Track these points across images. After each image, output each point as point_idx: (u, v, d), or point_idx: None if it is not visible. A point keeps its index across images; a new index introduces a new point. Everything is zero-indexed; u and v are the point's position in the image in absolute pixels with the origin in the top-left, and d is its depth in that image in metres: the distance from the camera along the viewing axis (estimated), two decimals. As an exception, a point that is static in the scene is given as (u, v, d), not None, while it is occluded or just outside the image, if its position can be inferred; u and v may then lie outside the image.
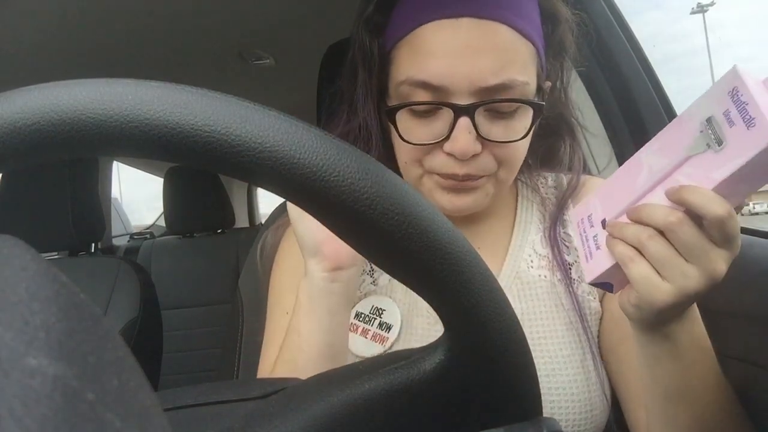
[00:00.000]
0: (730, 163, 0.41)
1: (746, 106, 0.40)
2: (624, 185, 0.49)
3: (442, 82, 0.57)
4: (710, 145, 0.42)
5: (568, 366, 0.61)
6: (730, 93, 0.42)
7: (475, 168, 0.59)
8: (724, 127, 0.42)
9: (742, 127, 0.40)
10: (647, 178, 0.47)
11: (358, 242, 0.27)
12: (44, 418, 0.12)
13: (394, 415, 0.30)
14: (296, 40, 1.60)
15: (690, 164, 0.44)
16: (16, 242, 0.17)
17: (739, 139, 0.41)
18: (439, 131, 0.58)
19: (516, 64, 0.58)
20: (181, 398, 0.34)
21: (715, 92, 0.43)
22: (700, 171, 0.43)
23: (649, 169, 0.47)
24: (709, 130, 0.43)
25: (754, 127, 0.39)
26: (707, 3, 39.71)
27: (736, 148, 0.41)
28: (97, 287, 1.45)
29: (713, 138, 0.42)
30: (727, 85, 0.42)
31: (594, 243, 0.50)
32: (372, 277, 0.67)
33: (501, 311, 0.28)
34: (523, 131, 0.59)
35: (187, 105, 0.23)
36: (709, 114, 0.43)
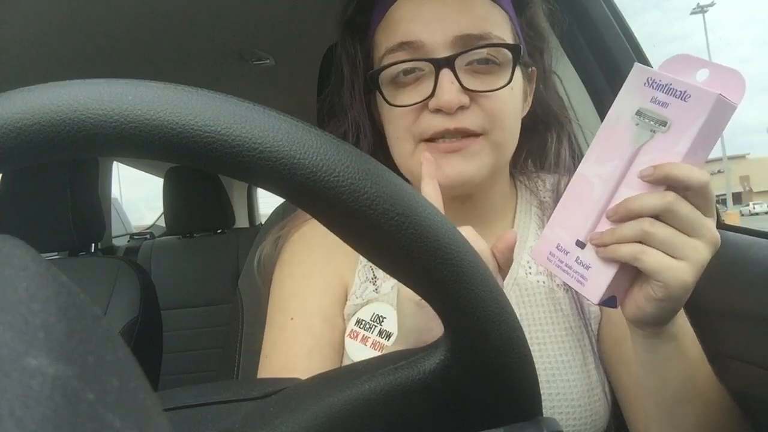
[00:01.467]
0: (686, 133, 0.43)
1: (671, 85, 0.44)
2: (579, 204, 0.48)
3: (419, 38, 0.59)
4: (654, 130, 0.45)
5: (569, 371, 0.61)
6: (646, 84, 0.46)
7: (465, 121, 0.59)
8: (659, 111, 0.45)
9: (679, 102, 0.44)
10: (602, 186, 0.47)
11: (358, 242, 0.27)
12: (44, 418, 0.12)
13: (394, 415, 0.30)
14: (296, 40, 1.60)
15: (643, 154, 0.45)
16: (16, 242, 0.17)
17: (682, 112, 0.43)
18: (424, 92, 0.59)
19: (490, 22, 0.61)
20: (181, 398, 0.34)
21: (628, 91, 0.47)
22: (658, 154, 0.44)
23: (599, 178, 0.47)
24: (645, 119, 0.45)
25: (691, 97, 0.43)
26: (707, 3, 39.70)
27: (684, 120, 0.43)
28: (97, 287, 1.45)
29: (654, 123, 0.45)
30: (638, 81, 0.46)
31: (580, 265, 0.48)
32: (374, 284, 0.67)
33: (501, 311, 0.28)
34: (507, 81, 0.60)
35: (187, 105, 0.23)
36: (636, 107, 0.46)
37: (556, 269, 0.50)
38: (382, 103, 0.63)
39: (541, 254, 0.51)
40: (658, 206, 0.44)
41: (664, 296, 0.44)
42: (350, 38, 0.67)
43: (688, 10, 45.01)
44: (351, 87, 0.68)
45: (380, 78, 0.62)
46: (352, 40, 0.67)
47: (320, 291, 0.66)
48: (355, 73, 0.67)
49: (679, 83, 0.44)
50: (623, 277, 0.47)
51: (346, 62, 0.68)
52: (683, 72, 0.45)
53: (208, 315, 2.16)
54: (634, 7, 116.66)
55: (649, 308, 0.46)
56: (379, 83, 0.62)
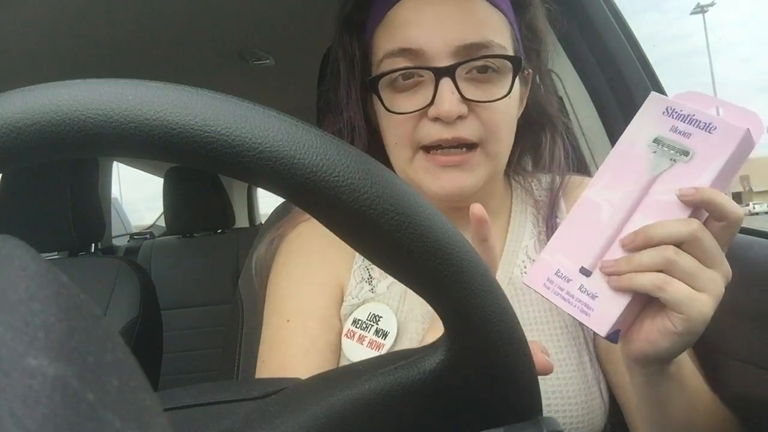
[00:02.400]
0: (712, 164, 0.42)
1: (694, 116, 0.44)
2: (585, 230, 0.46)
3: (420, 46, 0.59)
4: (675, 159, 0.44)
5: (565, 370, 0.61)
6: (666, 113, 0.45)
7: (463, 131, 0.59)
8: (680, 140, 0.44)
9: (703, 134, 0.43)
10: (612, 212, 0.45)
11: (358, 242, 0.27)
12: (44, 418, 0.12)
13: (394, 415, 0.30)
14: (296, 40, 1.60)
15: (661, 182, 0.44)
16: (16, 242, 0.17)
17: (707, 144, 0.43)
18: (423, 99, 0.59)
19: (490, 28, 0.60)
20: (181, 398, 0.34)
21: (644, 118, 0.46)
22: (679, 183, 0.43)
23: (609, 204, 0.46)
24: (664, 147, 0.44)
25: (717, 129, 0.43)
26: (707, 3, 39.71)
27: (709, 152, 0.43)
28: (97, 287, 1.45)
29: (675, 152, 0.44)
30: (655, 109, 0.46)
31: (585, 294, 0.45)
32: (370, 284, 0.67)
33: (501, 311, 0.28)
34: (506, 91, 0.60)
35: (187, 105, 0.23)
36: (653, 135, 0.45)
37: (555, 297, 0.47)
38: (380, 107, 0.63)
39: (537, 280, 0.48)
40: (684, 234, 0.42)
41: (684, 330, 0.42)
42: (347, 36, 0.67)
43: (688, 10, 45.05)
44: (347, 86, 0.68)
45: (380, 83, 0.62)
46: (349, 38, 0.67)
47: (316, 292, 0.66)
48: (352, 72, 0.67)
49: (702, 114, 0.43)
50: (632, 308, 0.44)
51: (342, 60, 0.68)
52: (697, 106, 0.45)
53: (208, 315, 2.16)
54: (634, 7, 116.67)
55: (665, 343, 0.43)
56: (378, 88, 0.62)
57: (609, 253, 0.45)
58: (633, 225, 0.44)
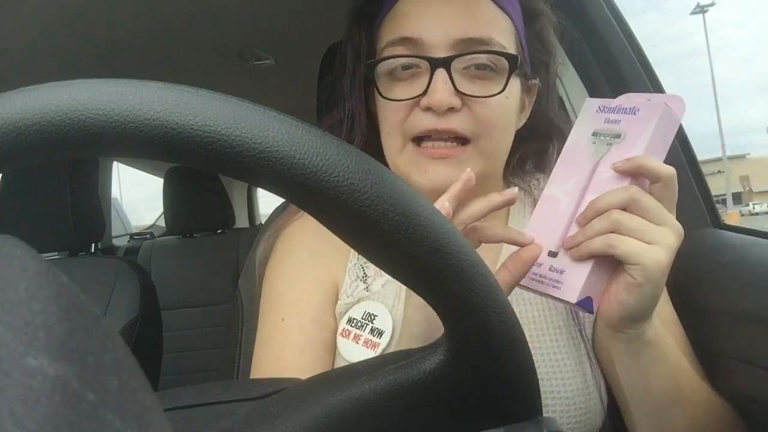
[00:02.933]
0: (640, 138, 0.48)
1: (620, 105, 0.50)
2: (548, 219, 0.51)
3: (420, 36, 0.60)
4: (610, 143, 0.49)
5: (564, 369, 0.61)
6: (598, 110, 0.51)
7: (454, 123, 0.59)
8: (612, 127, 0.50)
9: (629, 117, 0.49)
10: (568, 199, 0.50)
11: (358, 242, 0.27)
12: (44, 418, 0.12)
13: (394, 415, 0.30)
14: (296, 40, 1.60)
15: (602, 165, 0.49)
16: (16, 242, 0.17)
17: (633, 124, 0.49)
18: (418, 89, 0.60)
19: (493, 27, 0.61)
20: (181, 398, 0.34)
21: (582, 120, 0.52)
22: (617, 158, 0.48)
23: (564, 194, 0.51)
24: (601, 137, 0.50)
25: (640, 110, 0.49)
26: (707, 3, 39.72)
27: (636, 129, 0.48)
28: (97, 287, 1.44)
29: (609, 138, 0.50)
30: (590, 110, 0.52)
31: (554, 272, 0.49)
32: (365, 283, 0.67)
33: (501, 311, 0.28)
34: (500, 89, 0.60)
35: (187, 105, 0.23)
36: (591, 131, 0.51)
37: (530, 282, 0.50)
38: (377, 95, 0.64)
39: None
40: (624, 198, 0.46)
41: (644, 279, 0.45)
42: (357, 28, 0.68)
43: (687, 10, 45.07)
44: (352, 76, 0.68)
45: (378, 69, 0.62)
46: (358, 30, 0.68)
47: (311, 290, 0.66)
48: (358, 63, 0.68)
49: (627, 102, 0.50)
50: (598, 276, 0.48)
51: (350, 51, 0.69)
52: None
53: (208, 315, 2.16)
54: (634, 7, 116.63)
55: (631, 298, 0.47)
56: (375, 75, 0.63)
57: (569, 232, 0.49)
58: (584, 204, 0.49)
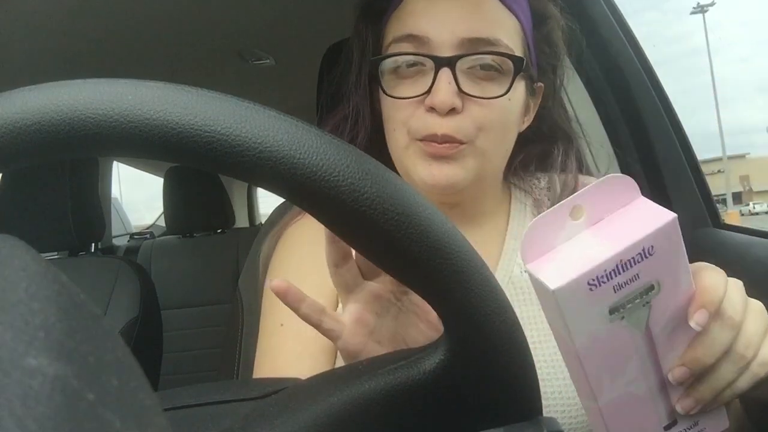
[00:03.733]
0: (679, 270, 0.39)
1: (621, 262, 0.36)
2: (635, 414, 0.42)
3: (426, 34, 0.59)
4: (647, 301, 0.38)
5: (564, 370, 0.61)
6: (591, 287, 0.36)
7: (452, 127, 0.59)
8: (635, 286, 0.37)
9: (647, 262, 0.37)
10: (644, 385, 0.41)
11: (358, 242, 0.27)
12: (44, 418, 0.12)
13: (394, 415, 0.30)
14: (296, 40, 1.60)
15: (655, 326, 0.39)
16: (16, 242, 0.17)
17: (659, 263, 0.37)
18: (422, 87, 0.59)
19: (500, 27, 0.60)
20: (181, 398, 0.34)
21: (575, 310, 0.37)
22: (670, 308, 0.39)
23: (632, 385, 0.40)
24: (628, 305, 0.37)
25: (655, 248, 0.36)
26: (707, 3, 39.72)
27: (668, 264, 0.38)
28: (97, 287, 1.45)
29: (641, 297, 0.38)
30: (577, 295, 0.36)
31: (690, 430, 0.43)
32: None
33: (500, 311, 0.28)
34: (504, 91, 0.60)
35: (187, 105, 0.23)
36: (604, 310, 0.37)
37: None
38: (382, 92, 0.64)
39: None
40: (727, 342, 0.41)
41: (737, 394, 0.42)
42: (364, 24, 0.68)
43: (687, 10, 45.05)
44: (357, 72, 0.68)
45: (382, 66, 0.62)
46: (365, 26, 0.68)
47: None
48: (364, 59, 0.67)
49: (627, 252, 0.36)
50: None
51: (356, 47, 0.68)
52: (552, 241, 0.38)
53: (208, 315, 2.16)
54: (634, 7, 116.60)
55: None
56: (380, 71, 0.62)
57: (672, 397, 0.42)
58: (668, 364, 0.41)
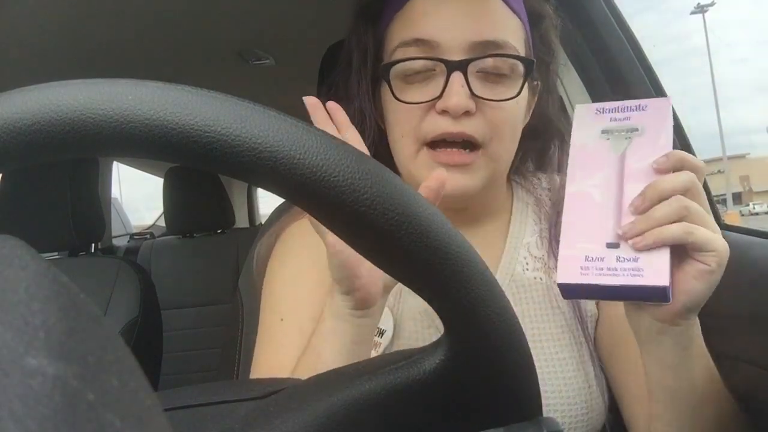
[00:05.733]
0: (662, 130, 0.48)
1: (622, 105, 0.50)
2: (587, 214, 0.48)
3: (435, 38, 0.59)
4: (629, 136, 0.49)
5: (565, 369, 0.61)
6: (598, 112, 0.51)
7: (468, 127, 0.59)
8: (624, 123, 0.49)
9: (638, 113, 0.49)
10: (602, 192, 0.48)
11: (357, 242, 0.27)
12: (44, 418, 0.12)
13: (394, 414, 0.30)
14: (296, 40, 1.60)
15: (630, 155, 0.48)
16: (16, 242, 0.17)
17: (647, 118, 0.49)
18: (433, 91, 0.59)
19: (507, 29, 0.61)
20: (181, 398, 0.34)
21: (582, 124, 0.51)
22: (645, 151, 0.48)
23: (594, 187, 0.49)
24: (614, 133, 0.49)
25: (648, 107, 0.49)
26: (707, 3, 39.71)
27: (653, 122, 0.48)
28: (97, 287, 1.45)
29: (626, 132, 0.49)
30: (587, 114, 0.51)
31: (625, 261, 0.46)
32: None
33: (500, 311, 0.28)
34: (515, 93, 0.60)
35: (187, 105, 0.23)
36: (599, 130, 0.50)
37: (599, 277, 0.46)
38: (389, 98, 0.63)
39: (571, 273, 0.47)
40: (687, 182, 0.45)
41: (717, 265, 0.44)
42: (363, 25, 0.67)
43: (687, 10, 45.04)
44: (359, 75, 0.67)
45: (390, 71, 0.62)
46: (364, 27, 0.67)
47: (310, 290, 0.66)
48: (364, 62, 0.67)
49: (629, 102, 0.49)
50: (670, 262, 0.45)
51: (356, 49, 0.68)
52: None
53: (208, 315, 2.16)
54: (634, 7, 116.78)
55: (700, 285, 0.45)
56: (389, 75, 0.62)
57: (623, 221, 0.47)
58: (630, 194, 0.47)
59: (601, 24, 0.91)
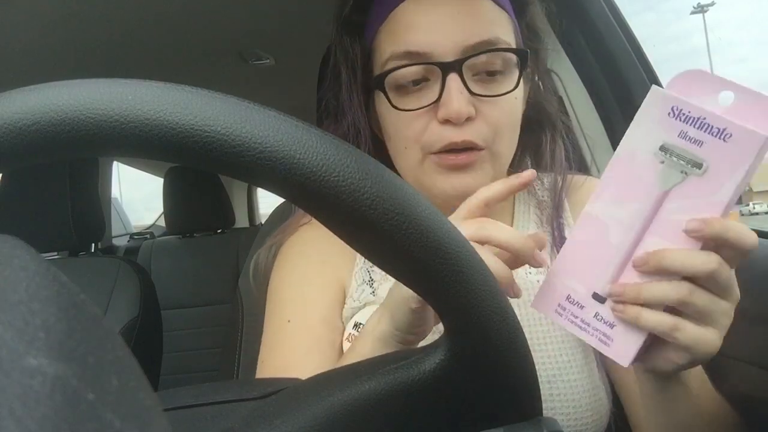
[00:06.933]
0: (728, 179, 0.38)
1: (704, 120, 0.39)
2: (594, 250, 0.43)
3: (427, 48, 0.59)
4: (686, 171, 0.39)
5: (570, 371, 0.61)
6: (671, 115, 0.40)
7: (471, 134, 0.59)
8: (691, 149, 0.39)
9: (717, 142, 0.38)
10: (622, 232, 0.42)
11: (358, 242, 0.27)
12: (44, 418, 0.12)
13: (394, 415, 0.30)
14: (296, 40, 1.60)
15: (673, 199, 0.40)
16: (16, 242, 0.17)
17: (722, 154, 0.38)
18: (430, 97, 0.59)
19: (496, 26, 0.60)
20: (181, 398, 0.34)
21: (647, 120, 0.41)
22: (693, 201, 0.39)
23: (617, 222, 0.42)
24: (673, 157, 0.40)
25: (733, 138, 0.38)
26: (707, 3, 39.70)
27: (724, 164, 0.38)
28: (97, 287, 1.45)
29: (686, 163, 0.39)
30: (659, 109, 0.40)
31: (602, 323, 0.42)
32: (371, 287, 0.66)
33: (500, 311, 0.28)
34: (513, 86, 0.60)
35: (187, 105, 0.23)
36: (659, 142, 0.40)
37: (570, 325, 0.43)
38: (385, 108, 0.62)
39: (548, 306, 0.45)
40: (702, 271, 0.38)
41: (688, 363, 0.42)
42: (348, 38, 0.67)
43: (687, 10, 45.00)
44: (349, 89, 0.67)
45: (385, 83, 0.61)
46: (350, 41, 0.66)
47: (318, 293, 0.66)
48: (354, 76, 0.66)
49: (714, 118, 0.38)
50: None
51: (343, 62, 0.67)
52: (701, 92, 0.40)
53: (208, 315, 2.16)
54: (634, 7, 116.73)
55: (670, 369, 0.43)
56: (384, 86, 0.61)
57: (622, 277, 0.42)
58: (646, 247, 0.41)
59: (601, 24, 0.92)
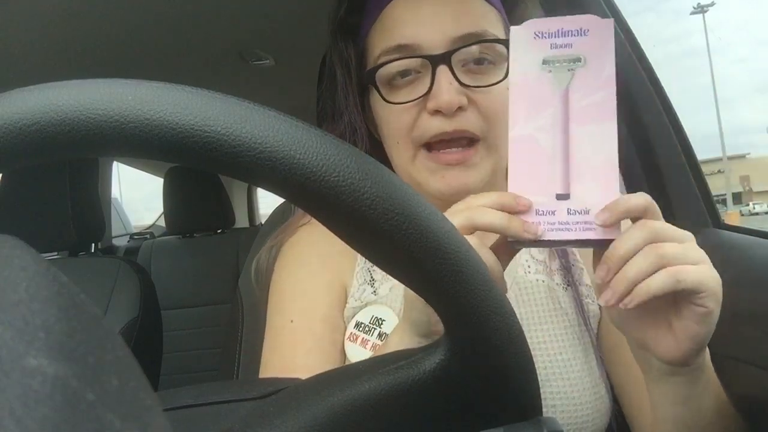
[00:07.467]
0: (605, 58, 0.44)
1: (563, 28, 0.45)
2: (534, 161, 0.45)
3: (416, 41, 0.59)
4: (572, 68, 0.45)
5: (571, 370, 0.61)
6: (537, 37, 0.46)
7: (463, 123, 0.59)
8: (566, 52, 0.45)
9: (580, 38, 0.45)
10: (547, 135, 0.45)
11: (357, 242, 0.27)
12: (44, 418, 0.12)
13: (394, 414, 0.30)
14: (296, 40, 1.60)
15: (574, 91, 0.44)
16: (16, 242, 0.17)
17: (590, 45, 0.44)
18: (421, 89, 0.59)
19: (484, 20, 0.61)
20: (181, 398, 0.34)
21: (520, 50, 0.46)
22: (590, 82, 0.44)
23: (541, 129, 0.45)
24: (555, 64, 0.45)
25: (590, 30, 0.45)
26: (707, 3, 39.73)
27: (596, 49, 0.44)
28: (97, 287, 1.45)
29: (568, 63, 0.45)
30: (524, 38, 0.46)
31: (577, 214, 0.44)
32: (372, 287, 0.66)
33: (500, 311, 0.28)
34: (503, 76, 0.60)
35: (187, 105, 0.23)
36: (539, 59, 0.45)
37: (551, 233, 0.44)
38: (379, 104, 0.63)
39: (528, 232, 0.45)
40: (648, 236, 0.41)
41: (715, 304, 0.41)
42: (342, 40, 0.68)
43: (687, 10, 45.06)
44: (345, 90, 0.68)
45: (376, 77, 0.62)
46: (344, 42, 0.67)
47: (319, 292, 0.66)
48: (349, 77, 0.67)
49: (570, 23, 0.45)
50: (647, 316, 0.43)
51: (338, 64, 0.68)
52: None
53: (208, 315, 2.16)
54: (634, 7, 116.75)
55: (703, 329, 0.42)
56: (375, 81, 0.62)
57: (571, 170, 0.44)
58: (574, 136, 0.44)
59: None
